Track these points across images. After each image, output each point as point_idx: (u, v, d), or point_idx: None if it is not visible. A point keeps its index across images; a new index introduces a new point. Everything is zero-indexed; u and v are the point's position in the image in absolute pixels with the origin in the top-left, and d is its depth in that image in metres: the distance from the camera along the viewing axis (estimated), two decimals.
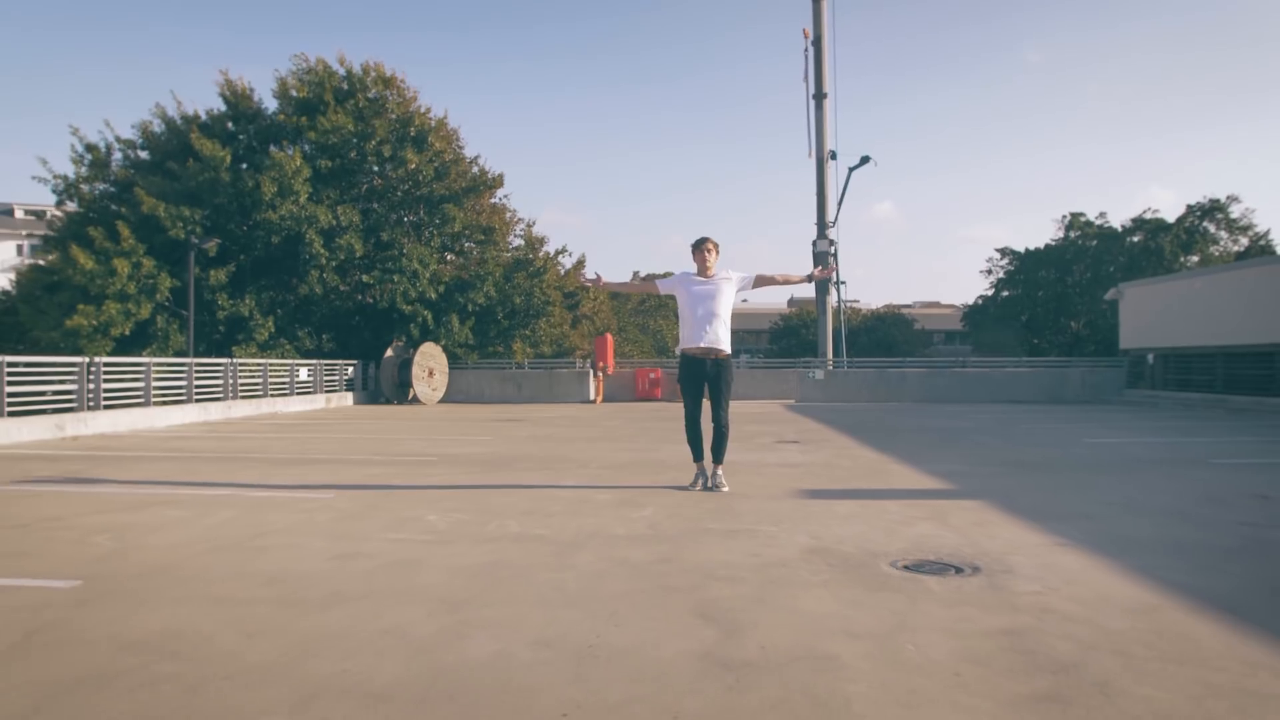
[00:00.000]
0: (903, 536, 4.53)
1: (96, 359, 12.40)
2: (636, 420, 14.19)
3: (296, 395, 17.69)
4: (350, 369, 20.24)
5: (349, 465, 7.92)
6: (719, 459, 6.30)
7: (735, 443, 7.68)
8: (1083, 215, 39.55)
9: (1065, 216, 39.89)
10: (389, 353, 20.28)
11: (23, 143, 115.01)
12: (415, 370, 19.60)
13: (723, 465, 6.35)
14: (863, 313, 52.83)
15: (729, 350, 6.24)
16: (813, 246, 25.33)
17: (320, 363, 18.99)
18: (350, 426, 13.15)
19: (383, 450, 9.34)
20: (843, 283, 27.41)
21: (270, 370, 16.96)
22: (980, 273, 63.49)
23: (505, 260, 23.34)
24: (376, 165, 21.86)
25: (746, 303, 47.01)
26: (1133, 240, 37.55)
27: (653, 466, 7.67)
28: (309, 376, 18.33)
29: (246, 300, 19.82)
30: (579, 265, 26.15)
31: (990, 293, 41.52)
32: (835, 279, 25.90)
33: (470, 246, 23.38)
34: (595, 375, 21.43)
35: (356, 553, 4.18)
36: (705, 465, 6.35)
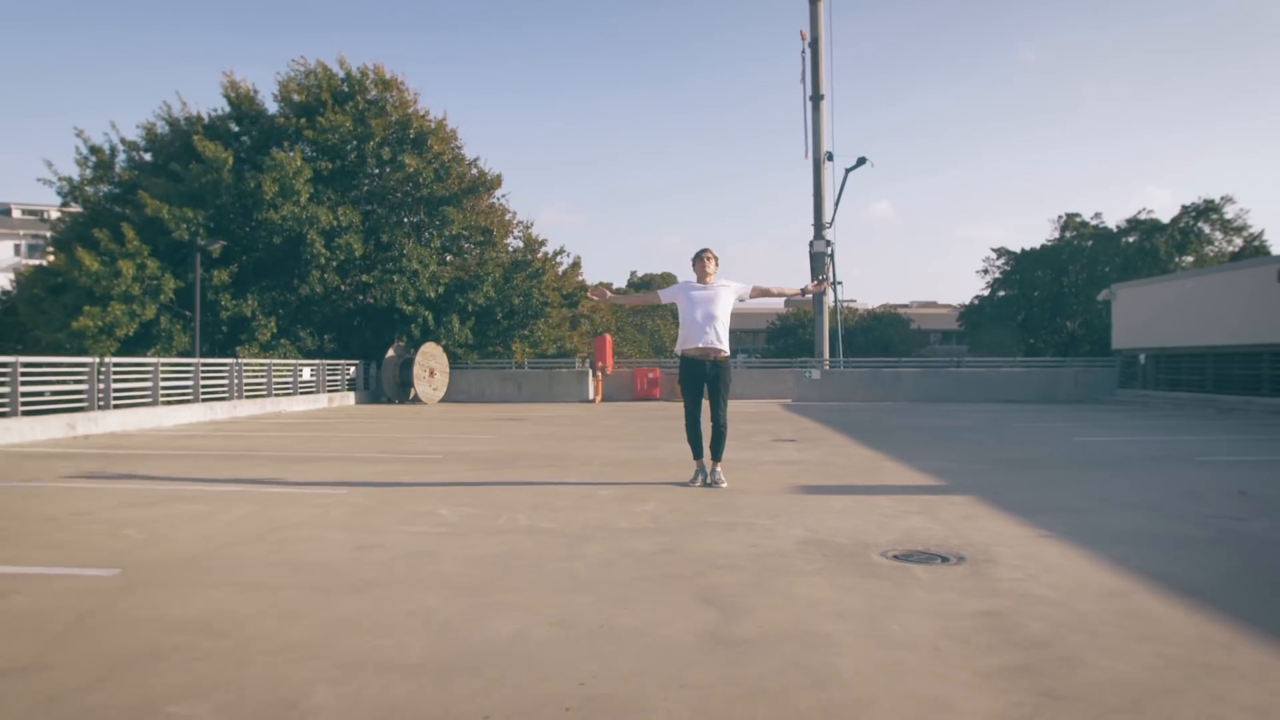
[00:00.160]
0: (893, 529, 4.77)
1: (106, 359, 12.62)
2: (636, 419, 14.43)
3: (300, 395, 17.92)
4: (352, 369, 20.47)
5: (357, 463, 8.15)
6: (718, 456, 6.54)
7: (733, 441, 7.91)
8: (1078, 215, 39.86)
9: (1061, 217, 40.22)
10: (390, 353, 20.50)
11: (23, 143, 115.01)
12: (416, 370, 19.83)
13: (721, 462, 6.59)
14: (859, 313, 53.13)
15: (728, 352, 6.49)
16: (809, 247, 25.56)
17: (323, 363, 19.21)
18: (354, 425, 13.38)
19: (389, 448, 9.57)
20: (839, 283, 27.67)
21: (274, 370, 17.19)
22: (976, 273, 63.87)
23: (504, 261, 23.56)
24: (376, 167, 22.06)
25: (744, 303, 47.10)
26: (1128, 241, 37.82)
27: (653, 464, 7.91)
28: (312, 376, 18.56)
29: (249, 300, 20.01)
30: (576, 266, 26.39)
31: (986, 293, 41.71)
32: (832, 279, 26.12)
33: (469, 247, 23.60)
34: (594, 375, 21.66)
35: (375, 544, 4.41)
36: (704, 462, 6.58)
